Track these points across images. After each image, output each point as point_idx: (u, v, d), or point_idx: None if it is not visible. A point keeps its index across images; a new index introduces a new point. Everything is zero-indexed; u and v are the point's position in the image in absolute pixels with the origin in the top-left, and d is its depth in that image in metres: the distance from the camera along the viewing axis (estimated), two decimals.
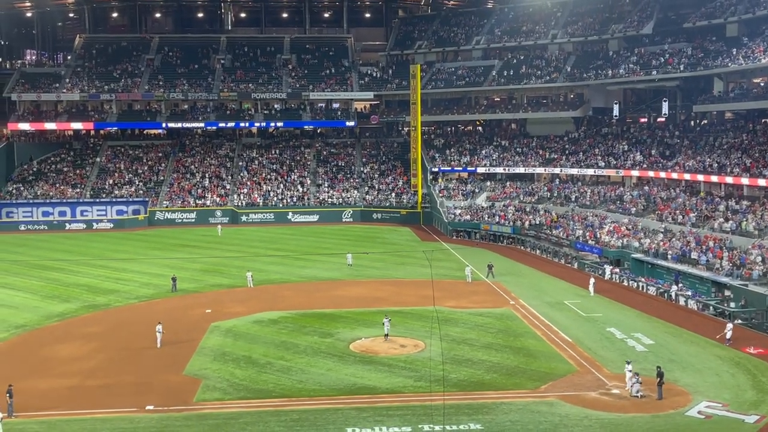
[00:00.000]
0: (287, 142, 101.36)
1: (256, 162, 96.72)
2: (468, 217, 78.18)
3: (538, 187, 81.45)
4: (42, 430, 28.91)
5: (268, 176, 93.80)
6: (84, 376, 35.11)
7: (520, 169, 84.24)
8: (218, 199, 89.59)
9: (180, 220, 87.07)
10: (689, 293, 48.83)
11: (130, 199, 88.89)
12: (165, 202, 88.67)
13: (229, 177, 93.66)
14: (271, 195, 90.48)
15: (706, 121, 76.93)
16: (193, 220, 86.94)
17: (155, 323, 40.04)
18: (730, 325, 39.54)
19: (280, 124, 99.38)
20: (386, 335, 39.97)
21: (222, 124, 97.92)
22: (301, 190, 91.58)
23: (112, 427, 28.92)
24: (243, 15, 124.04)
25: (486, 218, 76.40)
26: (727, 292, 46.79)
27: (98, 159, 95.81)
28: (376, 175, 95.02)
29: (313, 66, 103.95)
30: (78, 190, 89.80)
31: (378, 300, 49.12)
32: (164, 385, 33.62)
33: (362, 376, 34.41)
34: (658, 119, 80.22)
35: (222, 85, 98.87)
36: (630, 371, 32.58)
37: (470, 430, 28.35)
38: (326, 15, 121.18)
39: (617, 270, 56.58)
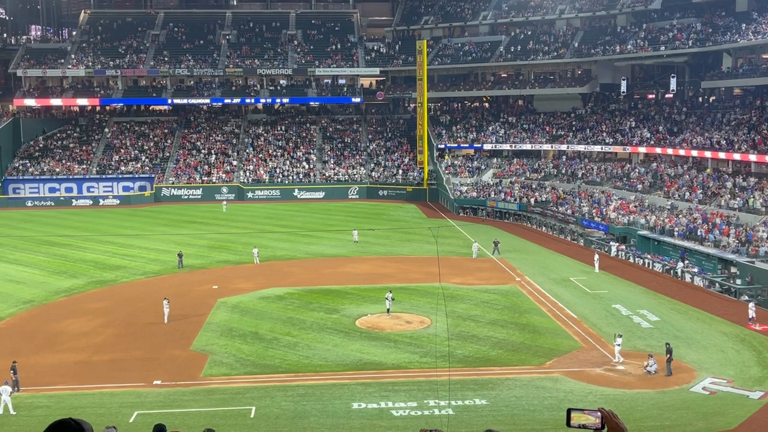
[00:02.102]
0: (293, 118, 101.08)
1: (262, 138, 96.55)
2: (474, 193, 78.06)
3: (545, 163, 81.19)
4: (50, 404, 29.17)
5: (274, 153, 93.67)
6: (92, 351, 35.36)
7: (527, 146, 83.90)
8: (224, 175, 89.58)
9: (186, 197, 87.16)
10: (695, 270, 48.78)
11: (137, 176, 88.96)
12: (171, 179, 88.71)
13: (235, 153, 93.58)
14: (277, 171, 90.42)
15: (714, 98, 76.43)
16: (199, 197, 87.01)
17: (162, 299, 40.22)
18: (752, 305, 39.08)
19: (285, 100, 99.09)
20: (388, 310, 40.13)
21: (227, 101, 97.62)
22: (307, 166, 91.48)
23: (120, 402, 29.16)
24: None
25: (492, 195, 76.27)
26: (733, 269, 46.74)
27: (106, 130, 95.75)
28: (382, 152, 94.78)
29: (318, 41, 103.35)
30: (84, 166, 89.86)
31: (384, 276, 49.20)
32: (171, 360, 33.84)
33: (368, 351, 34.57)
34: (666, 95, 79.69)
35: (227, 61, 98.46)
36: (619, 345, 32.64)
37: (475, 405, 28.51)
38: None
39: (623, 247, 56.53)
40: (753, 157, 59.45)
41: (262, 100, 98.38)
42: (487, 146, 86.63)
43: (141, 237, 64.32)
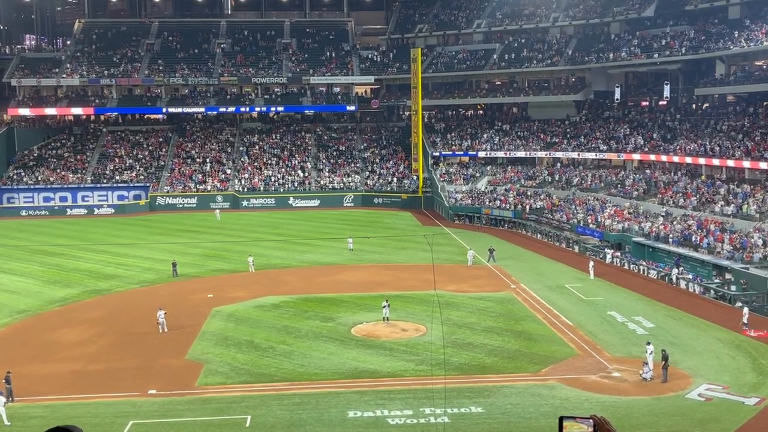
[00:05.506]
0: (288, 126, 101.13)
1: (257, 147, 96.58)
2: (469, 201, 78.09)
3: (540, 171, 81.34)
4: (45, 414, 29.07)
5: (269, 161, 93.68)
6: (86, 360, 35.24)
7: (522, 153, 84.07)
8: (219, 184, 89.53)
9: (181, 205, 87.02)
10: (690, 276, 48.86)
11: (131, 185, 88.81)
12: (166, 188, 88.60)
13: (230, 162, 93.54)
14: (272, 180, 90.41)
15: (707, 104, 76.65)
16: (194, 205, 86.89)
17: (157, 308, 40.12)
18: (746, 310, 39.17)
19: (280, 108, 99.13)
20: (385, 319, 40.12)
21: (222, 109, 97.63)
22: (302, 174, 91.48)
23: (115, 411, 29.06)
24: None
25: (487, 202, 76.33)
26: (728, 275, 46.81)
27: (102, 138, 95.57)
28: (377, 160, 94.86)
29: (313, 50, 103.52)
30: (79, 175, 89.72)
31: (379, 284, 49.17)
32: (166, 370, 33.75)
33: (364, 359, 34.52)
34: (660, 102, 79.90)
35: (222, 70, 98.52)
36: (652, 353, 32.31)
37: (471, 413, 28.48)
38: None
39: (618, 254, 56.60)
40: (747, 164, 59.65)
41: (257, 109, 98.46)
42: (482, 154, 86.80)
43: (136, 246, 64.18)
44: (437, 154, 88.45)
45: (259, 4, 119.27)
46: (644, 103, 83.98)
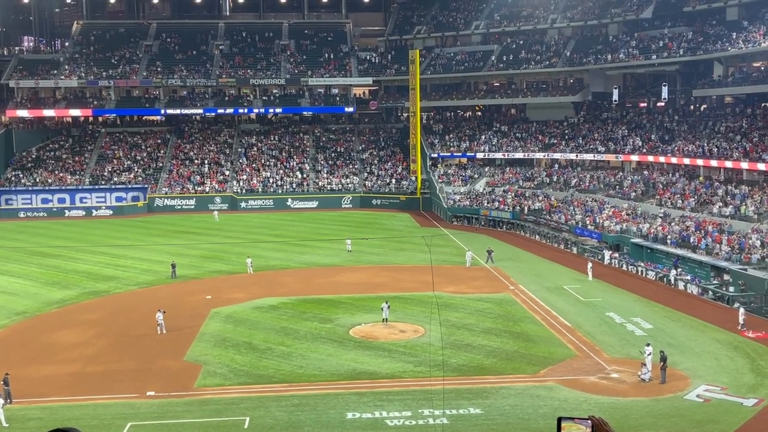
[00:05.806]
0: (286, 128, 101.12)
1: (255, 148, 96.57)
2: (467, 202, 78.13)
3: (538, 172, 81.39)
4: (43, 416, 29.04)
5: (267, 162, 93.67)
6: (85, 362, 35.22)
7: (520, 155, 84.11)
8: (217, 185, 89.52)
9: (179, 207, 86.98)
10: (688, 278, 48.91)
11: (130, 186, 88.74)
12: (164, 189, 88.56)
13: (229, 163, 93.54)
14: (271, 181, 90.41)
15: (705, 106, 76.76)
16: (193, 207, 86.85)
17: (155, 309, 40.10)
18: (742, 310, 39.41)
19: (278, 110, 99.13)
20: (384, 320, 40.15)
21: (221, 111, 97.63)
22: (300, 176, 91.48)
23: (113, 413, 29.05)
24: (241, 0, 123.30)
25: (485, 204, 76.37)
26: (726, 277, 46.85)
27: (101, 135, 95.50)
28: (376, 161, 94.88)
29: (311, 51, 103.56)
30: (77, 177, 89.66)
31: (378, 286, 49.17)
32: (165, 371, 33.74)
33: (362, 361, 34.53)
34: (658, 104, 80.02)
35: (220, 71, 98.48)
36: (650, 354, 32.27)
37: (470, 414, 28.49)
38: (324, 0, 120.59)
39: (616, 255, 56.66)
40: (745, 165, 59.72)
41: (255, 110, 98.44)
42: (480, 155, 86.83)
43: (134, 247, 64.13)
44: (435, 155, 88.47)
45: (257, 5, 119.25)
46: (642, 105, 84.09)
